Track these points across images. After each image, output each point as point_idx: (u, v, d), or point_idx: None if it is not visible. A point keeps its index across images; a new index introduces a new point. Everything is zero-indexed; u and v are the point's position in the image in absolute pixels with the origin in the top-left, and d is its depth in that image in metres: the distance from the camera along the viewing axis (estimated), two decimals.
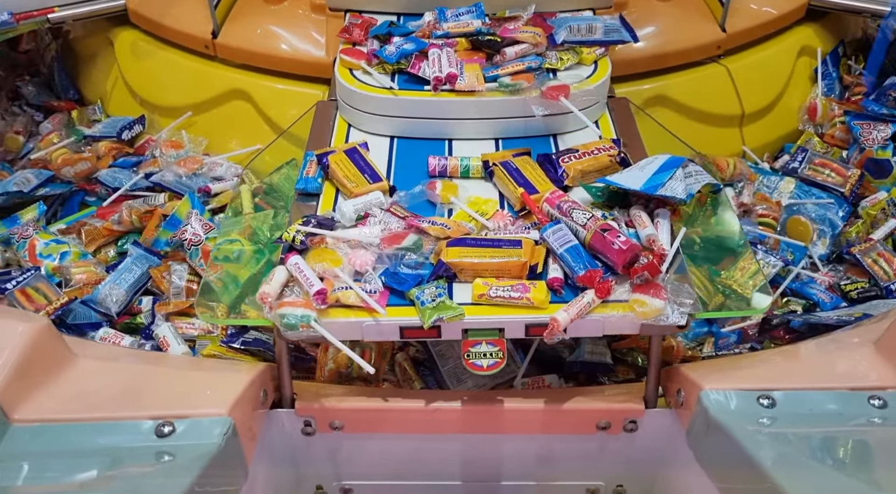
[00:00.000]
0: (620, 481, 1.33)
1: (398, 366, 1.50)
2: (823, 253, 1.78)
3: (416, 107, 1.49)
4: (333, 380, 1.45)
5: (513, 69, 1.50)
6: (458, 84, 1.47)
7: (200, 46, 2.00)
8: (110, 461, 0.93)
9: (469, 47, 1.59)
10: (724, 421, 1.01)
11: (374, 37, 1.64)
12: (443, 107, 1.48)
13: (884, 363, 1.07)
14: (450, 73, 1.47)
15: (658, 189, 1.22)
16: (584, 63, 1.57)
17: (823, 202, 1.84)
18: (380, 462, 1.31)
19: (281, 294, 1.13)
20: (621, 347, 1.56)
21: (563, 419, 1.23)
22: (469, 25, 1.61)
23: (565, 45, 1.58)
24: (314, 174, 1.37)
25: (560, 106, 1.45)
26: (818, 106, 2.06)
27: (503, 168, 1.34)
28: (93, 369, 1.11)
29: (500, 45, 1.55)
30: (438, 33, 1.60)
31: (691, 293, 1.10)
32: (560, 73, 1.55)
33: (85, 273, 1.67)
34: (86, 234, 1.78)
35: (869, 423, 1.00)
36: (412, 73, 1.52)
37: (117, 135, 2.02)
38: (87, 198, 1.97)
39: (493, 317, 1.11)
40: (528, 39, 1.55)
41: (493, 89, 1.48)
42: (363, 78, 1.54)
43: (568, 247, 1.15)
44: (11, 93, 2.35)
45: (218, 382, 1.11)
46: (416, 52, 1.54)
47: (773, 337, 1.62)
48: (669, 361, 1.51)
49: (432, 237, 1.21)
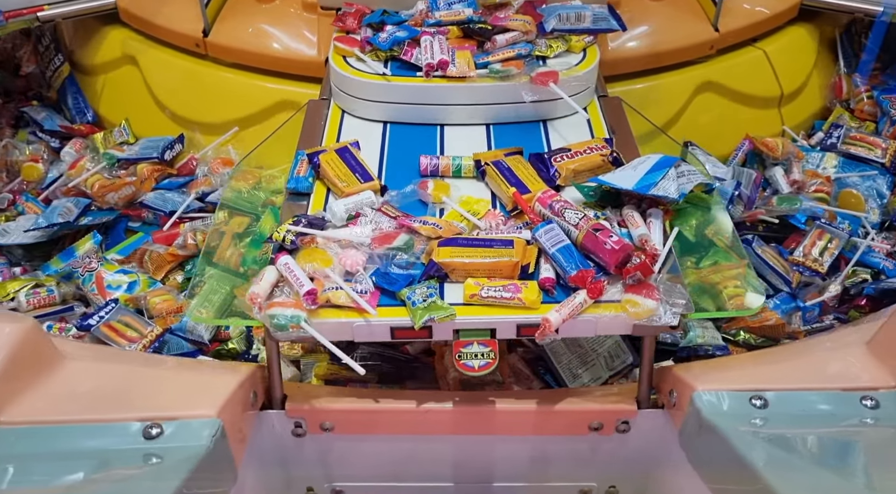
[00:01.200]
0: (613, 482, 1.33)
1: (511, 367, 1.51)
2: (875, 222, 1.87)
3: (409, 93, 1.52)
4: (457, 389, 1.43)
5: (503, 56, 1.53)
6: (450, 70, 1.49)
7: (191, 45, 1.99)
8: (97, 463, 0.92)
9: (460, 35, 1.62)
10: (717, 422, 1.00)
11: (368, 25, 1.66)
12: (435, 93, 1.51)
13: (876, 363, 1.06)
14: (441, 59, 1.50)
15: (650, 188, 1.21)
16: (573, 51, 1.60)
17: (868, 174, 1.95)
18: (371, 464, 1.30)
19: (271, 294, 1.12)
20: (730, 328, 1.61)
21: (555, 420, 1.22)
22: (460, 14, 1.64)
23: (555, 32, 1.60)
24: (305, 173, 1.37)
25: (550, 92, 1.47)
26: (842, 83, 2.14)
27: (495, 167, 1.33)
28: (81, 370, 1.10)
29: (491, 32, 1.58)
30: (430, 21, 1.64)
31: (684, 293, 1.09)
32: (549, 61, 1.58)
33: (164, 301, 1.63)
34: (151, 261, 1.73)
35: (861, 424, 1.00)
36: (405, 59, 1.55)
37: (160, 156, 1.93)
38: (130, 223, 1.91)
39: (484, 318, 1.10)
40: (518, 27, 1.57)
41: (483, 75, 1.50)
42: (357, 64, 1.56)
43: (560, 247, 1.14)
44: (13, 120, 2.27)
45: (207, 384, 1.10)
46: (408, 40, 1.57)
47: (855, 306, 1.69)
48: (777, 338, 1.59)
49: (423, 237, 1.20)
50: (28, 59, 2.32)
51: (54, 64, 2.28)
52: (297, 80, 1.94)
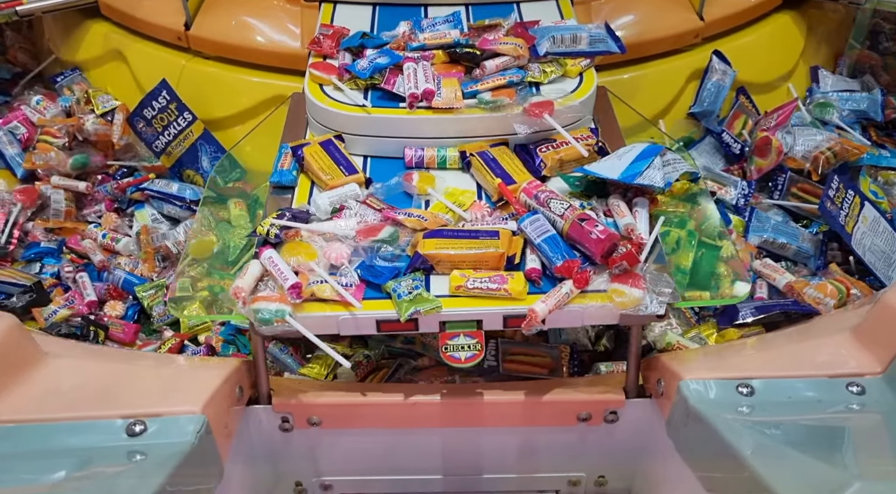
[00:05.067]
0: (602, 471, 1.33)
1: None
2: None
3: (391, 127, 1.39)
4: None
5: (493, 84, 1.40)
6: (435, 101, 1.36)
7: (173, 38, 1.97)
8: (80, 461, 0.91)
9: (447, 60, 1.48)
10: (703, 411, 1.00)
11: (346, 49, 1.53)
12: (419, 126, 1.39)
13: (862, 350, 1.07)
14: (426, 89, 1.36)
15: (636, 178, 1.21)
16: (569, 75, 1.47)
17: None
18: (359, 457, 1.30)
19: (255, 288, 1.12)
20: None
21: (543, 411, 1.22)
22: (446, 36, 1.51)
23: (548, 56, 1.47)
24: (289, 167, 1.36)
25: (544, 123, 1.35)
26: None
27: (480, 158, 1.33)
28: (63, 368, 1.08)
29: (480, 58, 1.45)
30: (414, 45, 1.50)
31: (670, 282, 1.09)
32: (543, 87, 1.44)
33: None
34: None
35: (847, 410, 1.00)
36: (386, 89, 1.42)
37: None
38: None
39: (470, 309, 1.10)
40: (509, 51, 1.44)
41: (472, 106, 1.38)
42: (334, 95, 1.43)
43: (545, 238, 1.14)
44: None
45: (191, 380, 1.09)
46: (390, 66, 1.43)
47: None
48: None
49: (409, 229, 1.19)
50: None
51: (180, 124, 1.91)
52: (280, 72, 1.92)
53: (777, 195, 1.81)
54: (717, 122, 1.97)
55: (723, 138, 1.90)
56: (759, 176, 1.82)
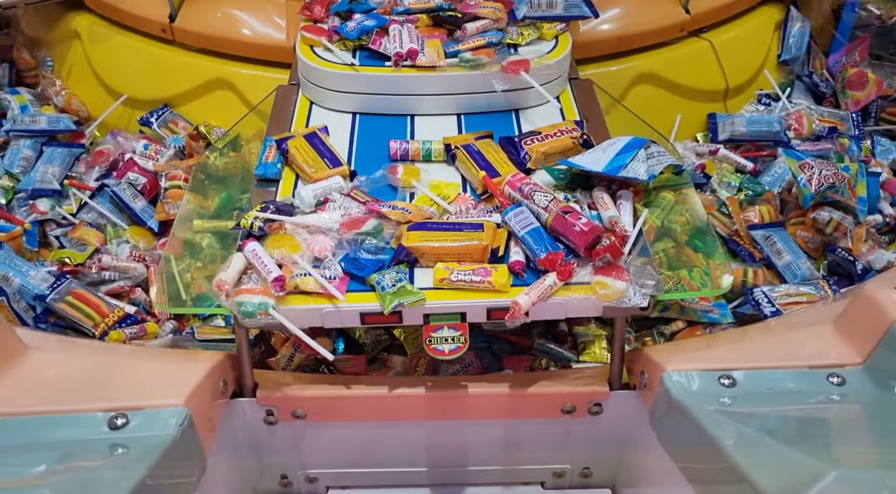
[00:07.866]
0: (587, 463, 1.33)
1: None
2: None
3: (378, 84, 1.49)
4: None
5: (473, 44, 1.51)
6: (419, 60, 1.47)
7: (158, 30, 1.95)
8: (61, 455, 0.91)
9: (430, 23, 1.59)
10: (686, 402, 1.01)
11: (335, 13, 1.63)
12: (404, 83, 1.49)
13: (842, 341, 1.07)
14: (410, 48, 1.47)
15: (620, 170, 1.21)
16: (545, 38, 1.59)
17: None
18: (344, 450, 1.30)
19: (239, 281, 1.11)
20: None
21: (527, 403, 1.22)
22: (430, 1, 1.61)
23: (526, 20, 1.58)
24: (273, 159, 1.35)
25: (521, 81, 1.45)
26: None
27: (465, 151, 1.32)
28: (45, 361, 1.08)
29: (461, 20, 1.55)
30: (399, 9, 1.61)
31: (653, 274, 1.09)
32: (521, 49, 1.56)
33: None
34: None
35: (828, 400, 1.00)
36: (373, 49, 1.52)
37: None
38: None
39: (454, 302, 1.10)
40: (488, 14, 1.55)
41: (453, 64, 1.48)
42: (324, 55, 1.53)
43: (529, 230, 1.14)
44: None
45: (174, 373, 1.09)
46: (376, 29, 1.54)
47: None
48: None
49: (393, 221, 1.19)
50: None
51: None
52: (265, 65, 1.91)
53: (871, 122, 2.10)
54: (803, 67, 2.18)
55: (813, 79, 2.14)
56: (856, 109, 2.07)
